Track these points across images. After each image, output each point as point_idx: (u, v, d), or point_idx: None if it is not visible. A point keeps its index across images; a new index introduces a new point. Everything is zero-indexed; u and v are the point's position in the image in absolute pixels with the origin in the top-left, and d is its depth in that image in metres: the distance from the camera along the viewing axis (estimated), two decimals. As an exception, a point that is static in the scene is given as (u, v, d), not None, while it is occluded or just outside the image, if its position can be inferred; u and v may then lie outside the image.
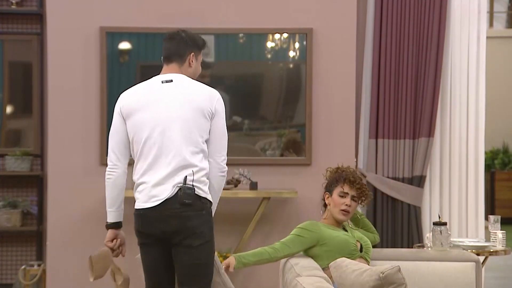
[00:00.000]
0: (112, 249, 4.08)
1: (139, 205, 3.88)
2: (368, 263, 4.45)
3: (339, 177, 4.57)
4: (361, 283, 3.36)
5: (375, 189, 6.37)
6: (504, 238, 5.60)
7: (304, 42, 6.30)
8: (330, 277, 3.99)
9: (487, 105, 6.68)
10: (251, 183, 6.07)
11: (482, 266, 5.37)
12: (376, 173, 6.38)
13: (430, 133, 6.35)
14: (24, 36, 6.71)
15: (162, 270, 3.93)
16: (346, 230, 4.57)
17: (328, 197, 4.57)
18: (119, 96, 4.03)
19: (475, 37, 6.48)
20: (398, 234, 6.33)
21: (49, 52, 6.26)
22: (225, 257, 5.97)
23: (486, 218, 6.10)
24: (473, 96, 6.48)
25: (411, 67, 6.36)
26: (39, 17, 6.70)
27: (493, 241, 5.60)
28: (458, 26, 6.46)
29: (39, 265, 6.52)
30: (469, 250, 5.21)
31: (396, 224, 6.38)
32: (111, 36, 6.25)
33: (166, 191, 3.80)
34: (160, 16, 6.26)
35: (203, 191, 3.84)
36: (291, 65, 6.43)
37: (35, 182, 6.69)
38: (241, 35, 6.36)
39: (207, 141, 3.90)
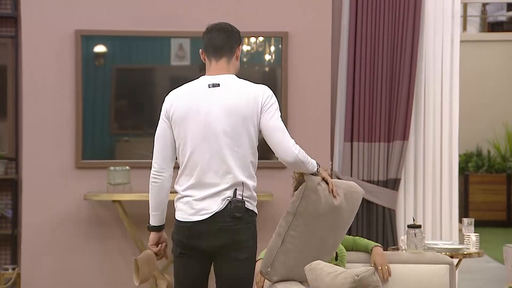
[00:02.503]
0: (156, 253, 3.98)
1: (185, 217, 3.77)
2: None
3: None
4: (336, 286, 3.37)
5: (350, 192, 6.39)
6: (478, 241, 5.64)
7: (280, 46, 6.32)
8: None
9: (461, 109, 6.73)
10: (226, 186, 6.08)
11: (456, 269, 5.41)
12: (351, 176, 6.40)
13: (405, 136, 6.39)
14: (-1, 39, 6.69)
15: (199, 284, 3.86)
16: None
17: None
18: (166, 96, 3.87)
19: (449, 41, 6.53)
20: (373, 237, 6.36)
21: (24, 55, 6.24)
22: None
23: (460, 221, 6.14)
24: (447, 99, 6.53)
25: (385, 70, 6.40)
26: (13, 20, 6.67)
27: (466, 244, 5.64)
28: (432, 30, 6.51)
29: (13, 269, 6.49)
30: (443, 253, 5.24)
31: (371, 227, 6.41)
32: (86, 39, 6.24)
33: (215, 205, 3.73)
34: (136, 20, 6.25)
35: (251, 204, 3.79)
36: (266, 69, 6.45)
37: (10, 186, 6.66)
38: (216, 38, 6.36)
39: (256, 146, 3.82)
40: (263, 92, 3.79)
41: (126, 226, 6.08)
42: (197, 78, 3.88)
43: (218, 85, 3.78)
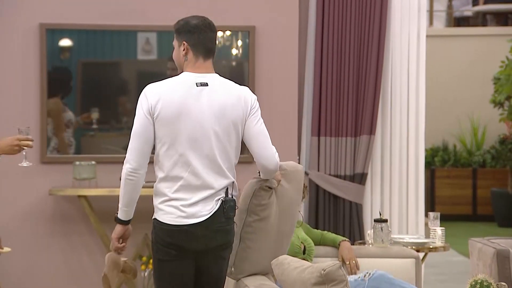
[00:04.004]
0: (118, 250, 3.87)
1: (177, 220, 3.66)
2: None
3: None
4: (303, 280, 3.37)
5: (317, 187, 6.41)
6: (443, 235, 5.68)
7: (247, 40, 6.30)
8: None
9: (427, 103, 6.77)
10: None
11: (422, 262, 5.44)
12: (318, 170, 6.41)
13: (372, 131, 6.41)
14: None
15: (191, 285, 3.77)
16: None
17: None
18: (144, 90, 3.71)
19: (415, 35, 6.55)
20: (340, 231, 6.37)
21: (-12, 49, 6.16)
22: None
23: (426, 215, 6.18)
24: (413, 94, 6.56)
25: (352, 65, 6.41)
26: (-23, 13, 6.58)
27: (432, 238, 5.68)
28: (399, 25, 6.53)
29: (-23, 265, 6.42)
30: (409, 247, 5.27)
31: (338, 221, 6.43)
32: (51, 33, 6.18)
33: (209, 206, 3.67)
34: (101, 13, 6.20)
35: (237, 202, 3.79)
36: (233, 63, 6.43)
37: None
38: (183, 32, 6.33)
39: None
40: (251, 95, 3.80)
41: (92, 221, 6.04)
42: (177, 74, 3.79)
43: (206, 84, 3.71)
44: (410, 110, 6.55)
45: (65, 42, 6.27)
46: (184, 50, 3.77)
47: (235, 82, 3.86)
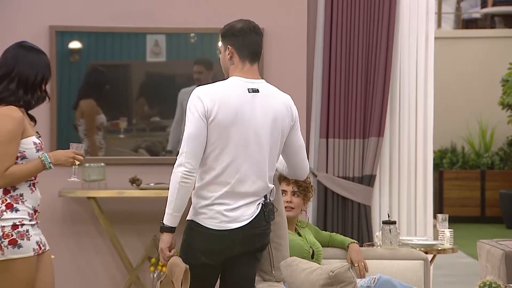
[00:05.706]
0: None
1: (222, 225, 3.62)
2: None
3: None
4: (311, 282, 3.39)
5: (325, 188, 6.41)
6: (452, 236, 5.67)
7: (255, 42, 6.31)
8: None
9: (436, 105, 6.76)
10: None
11: (431, 264, 5.44)
12: (326, 172, 6.42)
13: (380, 133, 6.41)
14: (-28, 35, 6.62)
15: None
16: (300, 235, 4.60)
17: None
18: (194, 92, 3.65)
19: (424, 37, 6.55)
20: (348, 233, 6.38)
21: (-2, 51, 6.18)
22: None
23: (435, 217, 6.18)
24: (421, 96, 6.56)
25: (361, 67, 6.42)
26: (-13, 16, 6.61)
27: (441, 240, 5.68)
28: (407, 27, 6.53)
29: (-13, 266, 6.43)
30: (417, 249, 5.27)
31: (346, 223, 6.43)
32: (61, 35, 6.20)
33: (250, 210, 3.65)
34: (111, 15, 6.23)
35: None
36: (242, 65, 6.45)
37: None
38: (192, 34, 6.36)
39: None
40: (294, 106, 3.78)
41: (101, 222, 6.06)
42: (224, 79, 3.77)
43: (258, 90, 3.67)
44: (419, 112, 6.55)
45: (75, 45, 6.29)
46: (229, 54, 3.76)
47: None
